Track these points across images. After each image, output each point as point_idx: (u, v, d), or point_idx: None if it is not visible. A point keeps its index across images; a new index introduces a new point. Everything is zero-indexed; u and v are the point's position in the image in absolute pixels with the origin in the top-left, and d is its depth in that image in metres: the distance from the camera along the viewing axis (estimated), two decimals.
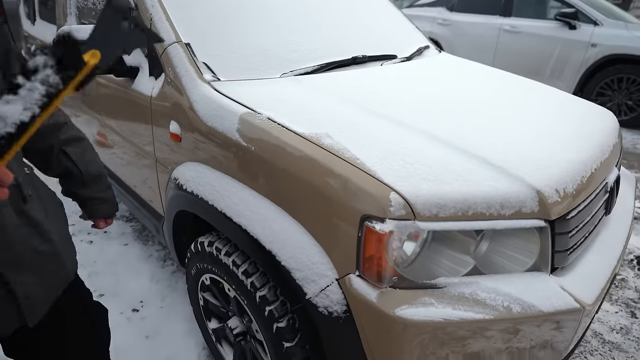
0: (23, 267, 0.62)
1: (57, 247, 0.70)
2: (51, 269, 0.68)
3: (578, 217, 0.89)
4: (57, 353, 0.80)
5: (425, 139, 0.94)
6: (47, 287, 0.67)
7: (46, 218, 0.68)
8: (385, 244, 0.77)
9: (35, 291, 0.64)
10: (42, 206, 0.69)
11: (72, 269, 0.77)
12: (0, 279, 0.60)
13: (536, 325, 0.80)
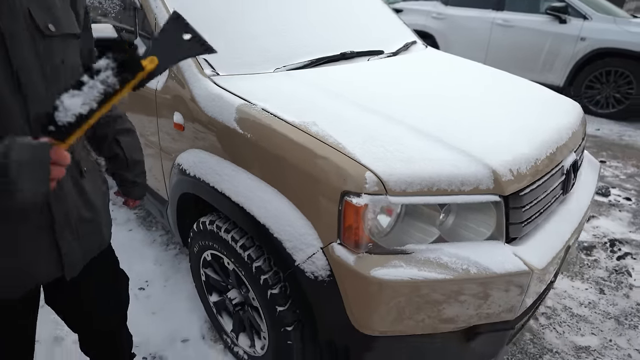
0: (68, 228, 0.75)
1: (98, 217, 0.83)
2: (90, 233, 0.82)
3: (531, 194, 1.02)
4: (87, 307, 0.94)
5: (399, 126, 1.07)
6: (84, 248, 0.81)
7: (93, 191, 0.82)
8: (362, 215, 0.90)
9: (74, 249, 0.78)
10: (92, 181, 0.82)
11: (107, 237, 0.91)
12: (51, 233, 0.73)
13: (491, 284, 0.94)
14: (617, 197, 2.80)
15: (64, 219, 0.75)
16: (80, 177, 0.78)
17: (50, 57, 0.69)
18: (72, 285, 0.84)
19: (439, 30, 5.83)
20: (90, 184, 0.81)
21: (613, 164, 3.41)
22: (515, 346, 1.61)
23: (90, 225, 0.81)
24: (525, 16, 5.02)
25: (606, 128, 4.32)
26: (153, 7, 1.41)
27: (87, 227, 0.81)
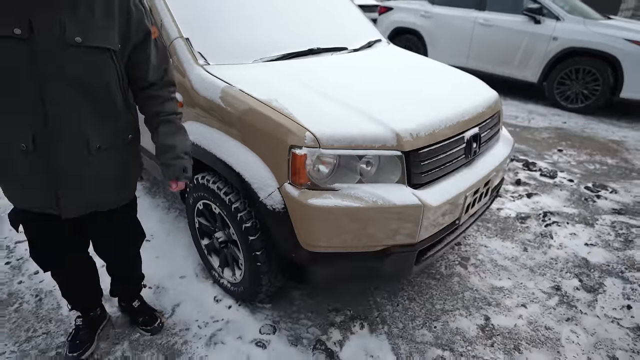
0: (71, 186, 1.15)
1: (104, 184, 1.22)
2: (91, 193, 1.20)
3: (428, 153, 1.43)
4: (105, 244, 1.41)
5: (338, 104, 1.48)
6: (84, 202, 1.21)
7: (105, 165, 1.18)
8: (303, 162, 1.31)
9: (72, 200, 1.18)
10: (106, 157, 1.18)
11: (113, 201, 1.29)
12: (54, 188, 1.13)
13: (394, 214, 1.35)
14: (562, 179, 3.21)
15: (61, 176, 1.11)
16: (88, 151, 1.12)
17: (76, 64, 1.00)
18: (87, 225, 1.30)
19: (426, 27, 6.20)
20: (100, 159, 1.16)
21: (569, 152, 3.80)
22: (444, 286, 2.02)
23: (86, 187, 1.17)
24: (504, 16, 5.38)
25: (572, 121, 4.70)
26: (160, 12, 1.80)
27: (82, 187, 1.16)
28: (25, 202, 1.19)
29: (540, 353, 1.66)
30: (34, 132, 1.05)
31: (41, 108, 1.02)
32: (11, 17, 0.91)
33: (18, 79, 0.98)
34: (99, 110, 1.11)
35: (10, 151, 1.07)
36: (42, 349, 1.63)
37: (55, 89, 1.01)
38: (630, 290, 2.02)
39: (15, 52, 0.94)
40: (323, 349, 1.65)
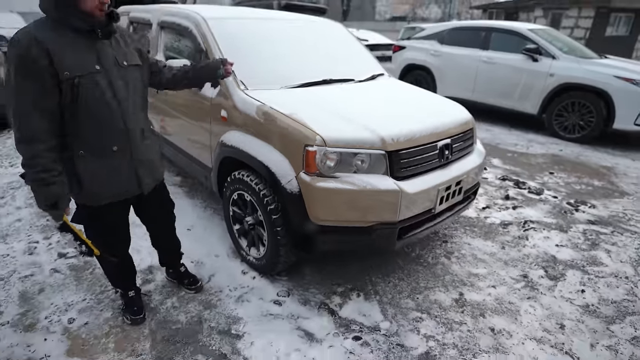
0: (142, 166, 1.68)
1: (155, 161, 1.76)
2: (153, 170, 1.74)
3: (406, 154, 1.93)
4: (152, 213, 1.94)
5: (342, 118, 2.02)
6: (151, 177, 1.74)
7: (151, 146, 1.74)
8: (313, 157, 1.83)
9: (147, 177, 1.71)
10: (150, 140, 1.74)
11: (161, 174, 1.83)
12: (134, 169, 1.67)
13: (378, 196, 1.84)
14: (547, 196, 3.60)
15: (139, 162, 1.66)
16: (144, 138, 1.66)
17: (127, 77, 1.58)
18: (144, 201, 1.82)
19: (435, 64, 6.82)
20: (149, 142, 1.71)
21: (559, 175, 4.19)
22: (429, 271, 2.45)
23: (152, 166, 1.74)
24: (505, 55, 5.94)
25: (569, 149, 5.09)
26: (213, 49, 2.44)
27: (151, 166, 1.73)
28: (117, 194, 1.66)
29: (500, 319, 2.06)
30: (118, 135, 1.58)
31: (119, 114, 1.55)
32: (92, 61, 1.48)
33: (105, 97, 1.52)
34: (142, 108, 1.71)
35: (106, 155, 1.59)
36: (112, 299, 2.15)
37: (123, 98, 1.57)
38: (587, 279, 2.39)
39: (99, 78, 1.50)
40: (326, 309, 2.11)
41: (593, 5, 13.65)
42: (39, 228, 2.84)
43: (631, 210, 3.37)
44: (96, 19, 1.44)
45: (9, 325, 1.95)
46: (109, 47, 1.54)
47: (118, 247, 1.88)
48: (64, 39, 1.42)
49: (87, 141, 1.55)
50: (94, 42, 1.49)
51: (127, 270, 2.02)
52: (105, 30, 1.49)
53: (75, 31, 1.44)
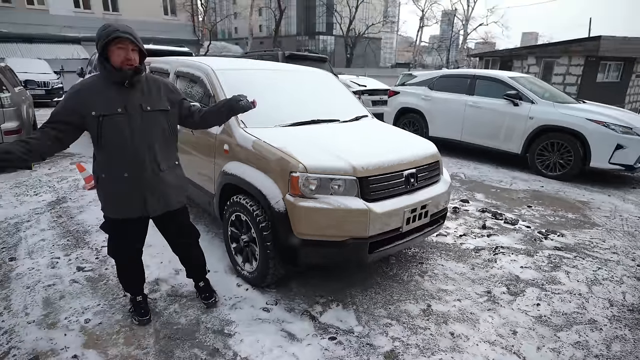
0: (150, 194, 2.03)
1: (169, 193, 2.09)
2: (164, 198, 2.09)
3: (374, 180, 2.32)
4: (169, 234, 2.29)
5: (323, 150, 2.44)
6: (161, 205, 2.09)
7: (169, 179, 2.06)
8: (297, 181, 2.23)
9: (154, 204, 2.06)
10: (170, 174, 2.09)
11: (174, 204, 2.15)
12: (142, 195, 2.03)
13: (350, 214, 2.21)
14: (521, 226, 3.92)
15: (147, 189, 2.00)
16: (159, 171, 1.99)
17: (149, 120, 1.95)
18: (162, 221, 2.20)
19: (426, 108, 7.37)
20: (166, 175, 2.01)
21: (537, 208, 4.51)
22: (403, 287, 2.75)
23: (161, 195, 2.06)
24: (489, 99, 6.47)
25: (550, 186, 5.44)
26: (218, 91, 2.92)
27: (160, 195, 2.06)
28: (125, 212, 2.00)
29: (461, 326, 2.34)
30: (130, 165, 1.96)
31: (132, 149, 1.90)
32: (117, 105, 1.90)
33: (124, 134, 1.92)
34: (162, 146, 2.04)
35: (119, 179, 1.94)
36: (122, 304, 2.48)
37: (138, 136, 1.94)
38: (544, 295, 2.67)
39: (119, 120, 1.92)
40: (308, 315, 2.41)
41: (582, 54, 14.51)
42: (60, 246, 3.22)
43: (597, 239, 3.66)
44: (124, 72, 1.85)
45: (34, 324, 2.28)
46: (136, 94, 1.94)
47: (126, 255, 2.25)
48: (101, 87, 1.88)
49: (106, 167, 1.98)
50: (123, 90, 1.90)
51: (135, 276, 2.36)
52: (132, 80, 1.89)
53: (109, 81, 1.90)
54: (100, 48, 1.83)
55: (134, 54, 1.86)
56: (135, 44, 1.84)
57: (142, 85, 1.97)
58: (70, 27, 19.57)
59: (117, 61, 1.83)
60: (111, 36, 1.78)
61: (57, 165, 5.75)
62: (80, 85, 1.91)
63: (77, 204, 4.19)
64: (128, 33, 1.81)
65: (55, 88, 12.52)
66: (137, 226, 2.15)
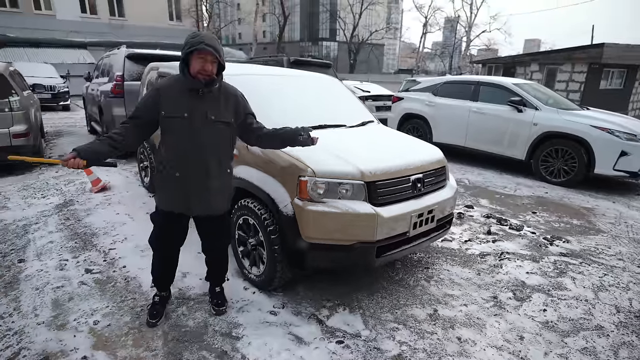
0: (195, 196, 2.10)
1: (212, 197, 2.13)
2: (205, 202, 2.14)
3: (381, 185, 2.34)
4: (203, 235, 2.33)
5: (331, 154, 2.46)
6: (202, 207, 2.15)
7: (214, 185, 2.11)
8: (305, 185, 2.25)
9: (196, 205, 2.12)
10: (217, 181, 2.13)
11: (216, 209, 2.20)
12: (187, 196, 2.10)
13: (358, 218, 2.23)
14: (526, 232, 3.92)
15: (192, 191, 2.08)
16: (207, 177, 2.08)
17: (210, 128, 2.03)
18: (202, 223, 2.25)
19: (430, 114, 7.40)
20: (213, 182, 2.08)
21: (541, 214, 4.52)
22: (409, 292, 2.76)
23: (204, 199, 2.13)
24: (493, 106, 6.49)
25: (554, 192, 5.44)
26: None
27: (203, 199, 2.12)
28: (170, 206, 2.14)
29: (468, 331, 2.34)
30: (182, 167, 2.05)
31: (186, 152, 2.03)
32: (184, 109, 1.99)
33: (182, 137, 2.01)
34: (217, 155, 2.10)
35: (170, 176, 2.07)
36: (130, 306, 2.50)
37: (195, 142, 2.02)
38: (550, 301, 2.67)
39: (182, 124, 2.00)
40: (315, 319, 2.42)
41: (585, 61, 14.54)
42: (68, 249, 3.25)
43: (603, 245, 3.66)
44: (198, 81, 1.96)
45: (44, 325, 2.30)
46: (204, 103, 2.02)
47: (164, 247, 2.33)
48: (175, 90, 2.01)
49: (164, 162, 2.10)
50: (194, 96, 2.00)
51: (166, 272, 2.43)
52: (204, 90, 2.00)
53: (185, 86, 2.00)
54: (184, 54, 1.93)
55: (212, 66, 1.96)
56: (216, 56, 1.92)
57: (214, 95, 2.06)
58: (76, 32, 19.79)
59: (194, 69, 1.94)
60: (195, 47, 1.88)
61: (63, 168, 5.79)
62: (160, 86, 2.09)
63: (85, 206, 4.22)
64: (212, 46, 1.90)
65: (61, 92, 12.64)
66: (179, 222, 2.23)
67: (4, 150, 5.10)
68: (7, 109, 5.05)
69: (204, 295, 2.63)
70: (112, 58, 6.49)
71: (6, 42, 17.52)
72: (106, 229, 3.64)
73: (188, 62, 1.96)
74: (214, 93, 2.05)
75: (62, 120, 11.01)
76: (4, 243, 3.31)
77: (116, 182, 5.08)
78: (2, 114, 4.99)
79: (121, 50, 6.11)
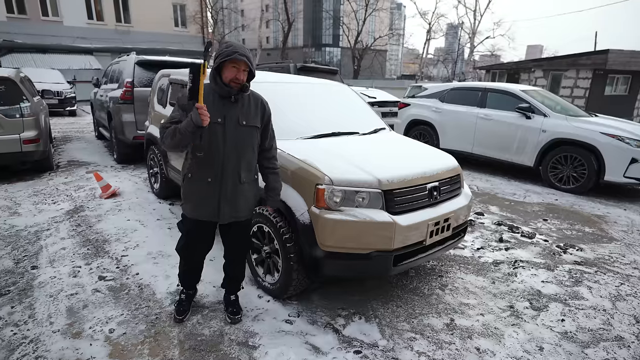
0: (225, 201, 2.11)
1: (240, 203, 2.16)
2: (234, 208, 2.15)
3: (399, 193, 2.33)
4: (227, 241, 2.32)
5: (346, 161, 2.46)
6: (230, 213, 2.15)
7: (244, 191, 2.15)
8: (322, 194, 2.25)
9: (225, 211, 2.13)
10: (247, 186, 2.16)
11: (243, 215, 2.22)
12: (217, 201, 2.10)
13: (376, 226, 2.22)
14: (539, 240, 3.89)
15: (224, 197, 2.10)
16: (239, 182, 2.13)
17: (242, 133, 2.08)
18: (228, 230, 2.24)
19: (437, 120, 7.40)
20: (244, 187, 2.14)
21: (552, 222, 4.49)
22: (424, 300, 2.74)
23: (235, 204, 2.15)
24: (501, 112, 6.48)
25: (564, 199, 5.41)
26: None
27: (233, 204, 2.14)
28: (200, 214, 2.15)
29: (486, 341, 2.31)
30: (215, 171, 2.06)
31: (221, 157, 2.06)
32: (218, 115, 2.01)
33: (217, 142, 2.03)
34: (247, 160, 2.13)
35: (202, 182, 2.09)
36: (145, 314, 2.49)
37: (229, 147, 2.05)
38: (568, 311, 2.64)
39: (216, 129, 2.02)
40: (331, 328, 2.40)
41: (590, 68, 14.53)
42: (80, 255, 3.25)
43: (617, 254, 3.62)
44: (230, 89, 2.01)
45: (59, 333, 2.29)
46: (236, 108, 2.07)
47: (190, 255, 2.37)
48: (210, 98, 2.02)
49: (194, 168, 2.12)
50: (227, 102, 2.05)
51: (193, 275, 2.50)
52: (236, 96, 2.05)
53: (217, 94, 2.04)
54: (218, 63, 1.98)
55: (244, 74, 2.02)
56: (248, 65, 1.99)
57: (244, 101, 2.11)
58: (83, 38, 19.97)
59: (227, 77, 2.00)
60: (230, 56, 1.94)
61: (73, 174, 5.82)
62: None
63: (95, 212, 4.23)
64: (245, 56, 1.96)
65: (68, 97, 12.73)
66: (206, 230, 2.26)
67: (14, 156, 5.14)
68: (18, 115, 5.08)
69: (218, 304, 2.62)
70: (121, 64, 6.53)
71: (13, 48, 17.70)
72: (118, 236, 3.64)
73: (220, 70, 2.01)
74: (244, 98, 2.11)
75: (68, 125, 11.07)
76: (17, 249, 3.32)
77: (125, 188, 5.09)
78: (14, 120, 5.02)
79: (131, 57, 6.15)
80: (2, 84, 5.07)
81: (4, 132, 4.96)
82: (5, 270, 2.97)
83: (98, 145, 8.22)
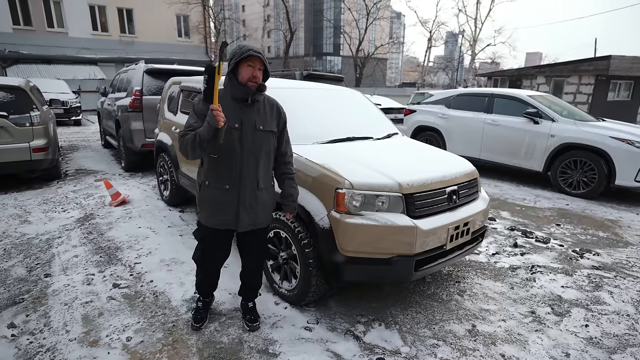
0: (243, 208, 2.07)
1: (259, 210, 2.12)
2: (253, 215, 2.11)
3: (419, 197, 2.31)
4: (244, 250, 2.30)
5: (364, 166, 2.44)
6: (249, 221, 2.11)
7: (262, 197, 2.12)
8: (342, 198, 2.22)
9: (244, 219, 2.09)
10: (265, 193, 2.13)
11: (262, 222, 2.18)
12: (237, 208, 2.07)
13: (397, 230, 2.19)
14: (554, 245, 3.85)
15: (242, 204, 2.07)
16: (257, 189, 2.10)
17: (259, 138, 2.03)
18: (246, 238, 2.21)
19: (444, 126, 7.40)
20: (262, 194, 2.10)
21: (566, 227, 4.45)
22: (444, 306, 2.69)
23: (253, 212, 2.12)
24: (508, 118, 6.47)
25: (575, 204, 5.37)
26: None
27: (252, 211, 2.11)
28: (217, 223, 2.10)
29: (510, 347, 2.27)
30: (233, 178, 2.03)
31: (239, 163, 2.02)
32: (235, 120, 1.98)
33: (235, 148, 2.00)
34: (264, 165, 2.10)
35: (220, 189, 2.05)
36: (162, 322, 2.45)
37: (247, 153, 2.02)
38: (591, 316, 2.59)
39: (234, 135, 1.99)
40: (352, 335, 2.36)
41: (592, 74, 14.58)
42: (93, 263, 3.22)
43: (634, 258, 3.58)
44: (248, 89, 1.97)
45: (76, 341, 2.25)
46: (253, 112, 2.04)
47: (207, 264, 2.33)
48: (226, 102, 1.97)
49: (211, 176, 2.07)
50: (243, 106, 2.01)
51: (210, 284, 2.45)
52: (253, 98, 2.00)
53: (234, 98, 2.00)
54: (233, 64, 1.95)
55: (260, 73, 1.98)
56: (263, 62, 1.97)
57: (260, 105, 2.07)
58: (87, 48, 20.16)
59: (244, 77, 1.96)
60: (245, 54, 1.91)
61: (81, 182, 5.81)
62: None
63: (106, 220, 4.21)
64: (259, 53, 1.94)
65: (73, 107, 12.79)
66: (223, 238, 2.23)
67: (24, 164, 5.14)
68: (28, 124, 5.09)
69: (234, 311, 2.58)
70: (130, 73, 6.57)
71: (19, 59, 17.88)
72: (130, 243, 3.61)
73: (236, 72, 1.98)
74: (260, 102, 2.07)
75: (74, 135, 11.11)
76: (29, 257, 3.29)
77: (135, 196, 5.07)
78: (24, 128, 5.04)
79: (139, 66, 6.18)
80: (13, 93, 5.09)
81: (14, 141, 4.97)
82: (19, 278, 2.95)
83: (105, 153, 8.23)
